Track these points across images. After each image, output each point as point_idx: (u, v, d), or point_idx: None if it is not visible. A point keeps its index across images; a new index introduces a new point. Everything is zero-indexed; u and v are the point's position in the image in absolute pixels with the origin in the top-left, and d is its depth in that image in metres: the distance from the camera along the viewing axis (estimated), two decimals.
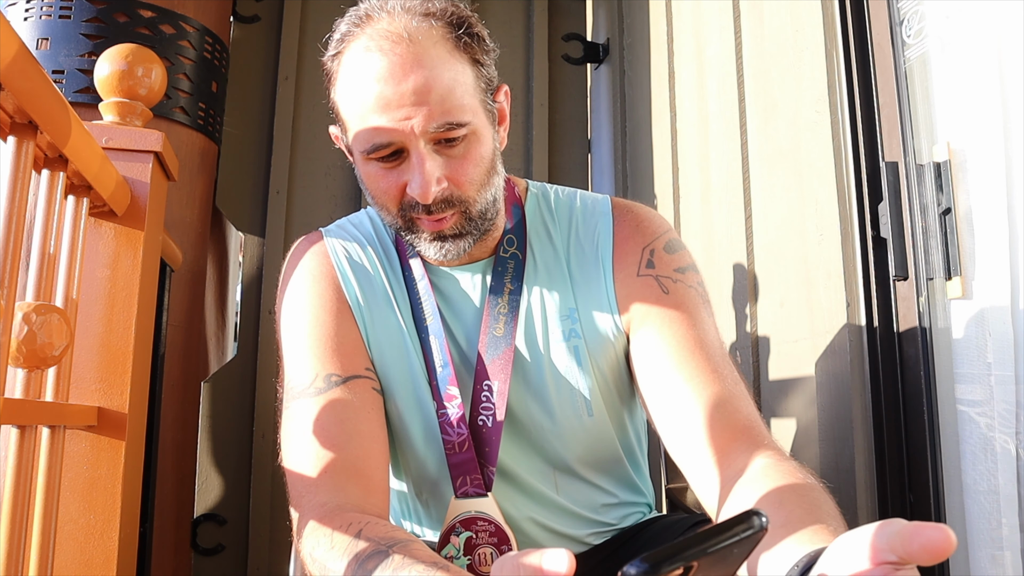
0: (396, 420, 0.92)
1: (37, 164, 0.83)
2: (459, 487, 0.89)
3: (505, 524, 0.87)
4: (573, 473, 0.95)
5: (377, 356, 0.91)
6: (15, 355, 0.78)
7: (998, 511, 1.00)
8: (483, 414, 0.89)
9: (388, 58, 0.77)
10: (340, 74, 0.82)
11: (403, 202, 0.82)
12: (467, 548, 0.87)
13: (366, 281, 0.93)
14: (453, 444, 0.89)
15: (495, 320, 0.90)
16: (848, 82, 1.24)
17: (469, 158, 0.82)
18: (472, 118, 0.80)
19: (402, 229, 0.86)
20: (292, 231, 2.04)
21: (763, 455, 0.74)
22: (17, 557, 0.74)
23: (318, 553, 0.70)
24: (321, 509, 0.75)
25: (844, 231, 1.22)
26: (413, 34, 0.78)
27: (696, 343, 0.84)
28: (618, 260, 0.91)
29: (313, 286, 0.92)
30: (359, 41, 0.79)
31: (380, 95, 0.77)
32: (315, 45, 2.16)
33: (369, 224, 0.99)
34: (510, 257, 0.92)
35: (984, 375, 1.04)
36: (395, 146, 0.79)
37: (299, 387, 0.86)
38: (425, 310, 0.92)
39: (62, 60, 1.60)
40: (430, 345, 0.90)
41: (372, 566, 0.63)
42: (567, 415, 0.91)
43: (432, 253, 0.86)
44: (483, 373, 0.89)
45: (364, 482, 0.79)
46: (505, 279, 0.92)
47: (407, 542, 0.66)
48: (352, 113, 0.81)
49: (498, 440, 0.88)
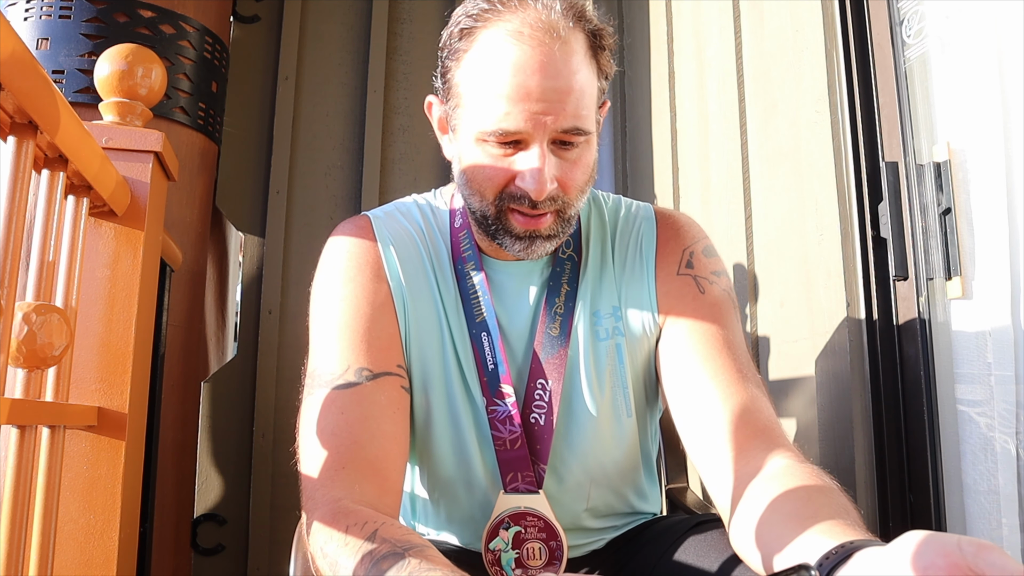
0: (423, 415, 0.91)
1: (37, 164, 0.83)
2: (509, 483, 0.89)
3: (555, 520, 0.88)
4: (606, 481, 0.95)
5: (415, 349, 0.90)
6: (15, 355, 0.78)
7: (998, 511, 1.00)
8: (536, 412, 0.90)
9: (540, 51, 0.77)
10: (473, 50, 0.81)
11: (505, 191, 0.82)
12: (516, 542, 0.88)
13: (412, 272, 0.92)
14: (504, 441, 0.89)
15: (551, 320, 0.91)
16: (848, 82, 1.24)
17: (580, 164, 0.83)
18: (592, 127, 0.82)
19: (490, 219, 0.85)
20: (292, 231, 2.04)
21: (783, 456, 0.75)
22: (17, 557, 0.74)
23: (329, 548, 0.69)
24: (335, 504, 0.74)
25: (844, 231, 1.22)
26: (566, 34, 0.78)
27: (724, 343, 0.86)
28: (660, 260, 0.93)
29: (357, 274, 0.90)
30: (507, 24, 0.79)
31: (523, 85, 0.77)
32: (315, 45, 2.16)
33: (418, 214, 0.97)
34: (567, 259, 0.94)
35: (984, 375, 1.04)
36: (520, 136, 0.79)
37: (327, 375, 0.84)
38: (479, 306, 0.91)
39: (62, 60, 1.60)
40: (482, 342, 0.90)
41: (386, 567, 0.62)
42: (608, 414, 0.92)
43: (517, 249, 0.85)
44: (538, 371, 0.90)
45: (380, 482, 0.79)
46: (562, 280, 0.93)
47: (423, 547, 0.65)
48: (480, 93, 0.80)
49: (550, 438, 0.89)
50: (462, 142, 0.85)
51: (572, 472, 0.93)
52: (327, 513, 0.73)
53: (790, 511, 0.65)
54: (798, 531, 0.60)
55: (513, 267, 0.94)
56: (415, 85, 2.17)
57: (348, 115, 2.14)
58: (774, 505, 0.68)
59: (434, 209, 0.98)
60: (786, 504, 0.67)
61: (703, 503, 1.31)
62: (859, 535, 0.56)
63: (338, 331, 0.86)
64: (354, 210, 2.08)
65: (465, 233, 0.94)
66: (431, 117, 0.92)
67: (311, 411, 0.83)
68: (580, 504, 0.95)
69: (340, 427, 0.80)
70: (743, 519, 0.71)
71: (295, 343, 1.95)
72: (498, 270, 0.94)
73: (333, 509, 0.73)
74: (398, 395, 0.86)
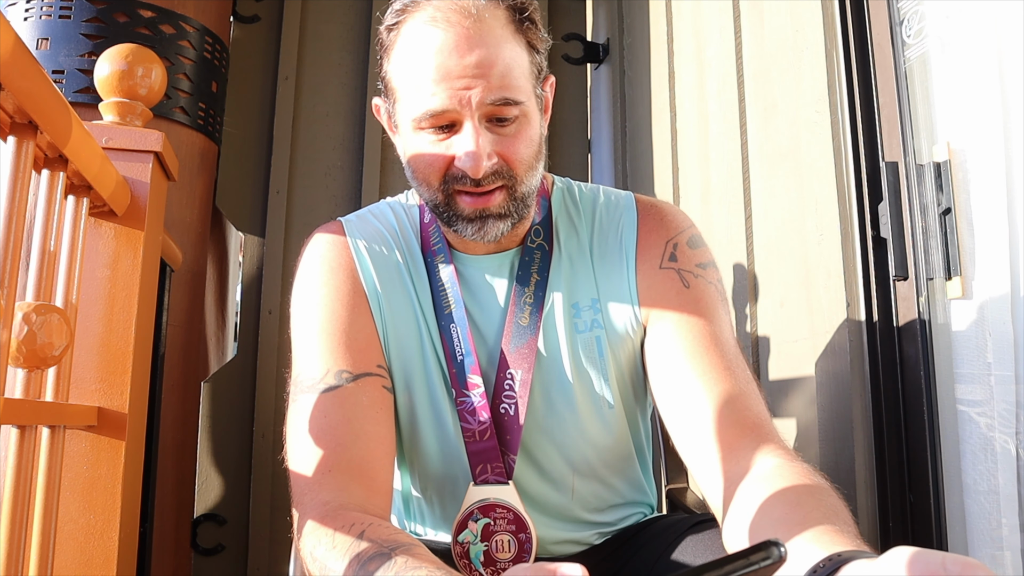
0: (407, 413, 0.91)
1: (37, 164, 0.83)
2: (478, 475, 0.89)
3: (524, 512, 0.87)
4: (591, 472, 0.95)
5: (394, 347, 0.91)
6: (15, 355, 0.78)
7: (998, 511, 1.00)
8: (505, 402, 0.89)
9: (454, 31, 0.78)
10: (398, 44, 0.83)
11: (447, 175, 0.82)
12: (484, 534, 0.87)
13: (385, 272, 0.92)
14: (474, 432, 0.89)
15: (520, 310, 0.91)
16: (848, 82, 1.24)
17: (519, 137, 0.83)
18: (526, 99, 0.82)
19: (440, 206, 0.85)
20: (292, 231, 2.04)
21: (773, 454, 0.74)
22: (17, 557, 0.74)
23: (319, 552, 0.70)
24: (323, 508, 0.74)
25: (844, 231, 1.22)
26: (479, 11, 0.80)
27: (711, 339, 0.85)
28: (641, 252, 0.92)
29: (330, 278, 0.91)
30: (423, 13, 0.80)
31: (441, 65, 0.78)
32: (315, 45, 2.16)
33: (391, 214, 0.98)
34: (537, 248, 0.93)
35: (984, 375, 1.04)
36: (449, 116, 0.80)
37: (309, 380, 0.85)
38: (447, 298, 0.91)
39: (62, 60, 1.60)
40: (451, 333, 0.90)
41: (373, 568, 0.63)
42: (588, 407, 0.92)
43: (470, 232, 0.85)
44: (506, 362, 0.90)
45: (368, 483, 0.79)
46: (532, 269, 0.92)
47: (410, 545, 0.65)
48: (408, 82, 0.81)
49: (519, 429, 0.89)
50: (403, 135, 0.86)
51: (553, 463, 0.93)
52: (315, 517, 0.73)
53: (779, 516, 0.65)
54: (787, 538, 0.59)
55: (484, 260, 0.94)
56: None
57: (348, 115, 2.14)
58: (763, 510, 0.67)
59: (406, 208, 0.99)
60: (775, 509, 0.66)
61: (703, 503, 1.31)
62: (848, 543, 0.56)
63: (316, 335, 0.87)
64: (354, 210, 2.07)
65: (434, 227, 0.94)
66: (380, 119, 0.93)
67: (295, 417, 0.84)
68: (565, 495, 0.94)
69: (324, 430, 0.81)
70: (734, 523, 0.70)
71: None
72: (468, 264, 0.94)
73: (321, 512, 0.74)
74: (380, 395, 0.86)
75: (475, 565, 0.88)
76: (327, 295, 0.90)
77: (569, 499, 0.95)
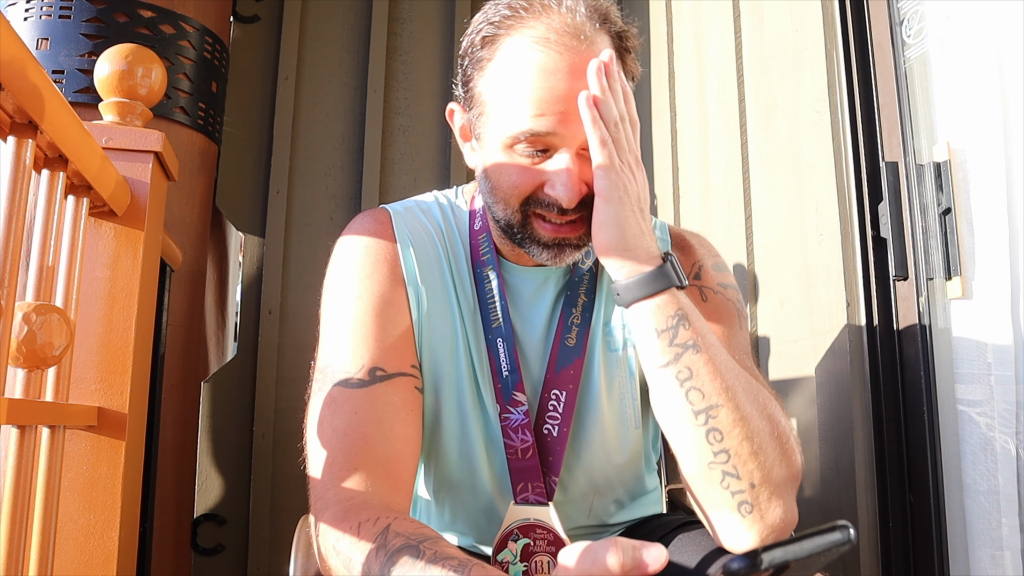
0: (431, 414, 0.90)
1: (37, 164, 0.83)
2: (519, 493, 0.88)
3: (564, 535, 0.86)
4: (609, 490, 0.95)
5: (427, 348, 0.89)
6: (15, 355, 0.78)
7: (998, 511, 1.00)
8: (549, 423, 0.88)
9: (568, 56, 0.76)
10: (498, 58, 0.80)
11: (531, 198, 0.81)
12: (524, 555, 0.87)
13: (428, 272, 0.90)
14: (516, 450, 0.88)
15: (568, 330, 0.90)
16: (848, 82, 1.24)
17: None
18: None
19: (516, 226, 0.83)
20: (292, 231, 2.04)
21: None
22: (17, 557, 0.74)
23: (342, 545, 0.69)
24: (348, 503, 0.73)
25: (844, 231, 1.22)
26: (589, 36, 0.78)
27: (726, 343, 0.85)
28: None
29: (373, 270, 0.88)
30: (532, 31, 0.78)
31: (553, 88, 0.76)
32: (315, 45, 2.16)
33: (439, 212, 0.96)
34: (587, 270, 0.93)
35: (984, 375, 1.04)
36: (548, 141, 0.78)
37: (340, 372, 0.83)
38: (495, 311, 0.90)
39: (62, 60, 1.60)
40: (497, 348, 0.89)
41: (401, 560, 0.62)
42: (616, 426, 0.92)
43: (545, 257, 0.84)
44: (552, 381, 0.89)
45: (391, 482, 0.78)
46: (580, 290, 0.92)
47: (436, 538, 0.65)
48: (508, 99, 0.79)
49: (562, 450, 0.88)
50: (487, 149, 0.83)
51: (578, 484, 0.93)
52: (338, 512, 0.72)
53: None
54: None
55: (531, 272, 0.93)
56: (415, 85, 2.17)
57: (348, 115, 2.14)
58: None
59: (454, 208, 0.97)
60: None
61: None
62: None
63: (352, 328, 0.85)
64: (354, 210, 2.08)
65: (484, 236, 0.93)
66: (453, 125, 0.91)
67: (321, 408, 0.82)
68: (582, 515, 0.95)
69: (353, 427, 0.79)
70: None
71: (295, 343, 1.95)
72: (515, 275, 0.93)
73: (345, 507, 0.72)
74: (411, 396, 0.85)
75: None
76: (368, 288, 0.87)
77: (586, 517, 0.95)
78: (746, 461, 0.71)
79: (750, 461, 0.72)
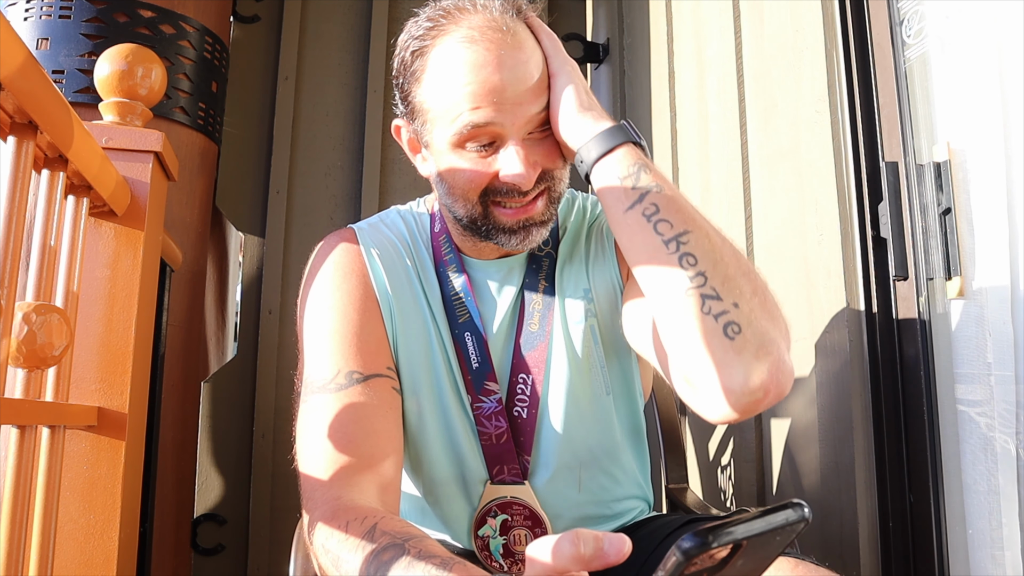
0: (415, 417, 0.94)
1: (37, 164, 0.83)
2: (495, 474, 0.93)
3: (540, 509, 0.92)
4: (593, 461, 0.97)
5: (403, 352, 0.93)
6: (15, 355, 0.78)
7: (998, 511, 1.00)
8: (519, 406, 0.93)
9: (495, 48, 0.80)
10: (431, 66, 0.83)
11: (488, 189, 0.84)
12: (503, 529, 0.93)
13: (397, 279, 0.94)
14: (490, 436, 0.93)
15: (530, 316, 0.94)
16: (848, 82, 1.24)
17: (554, 146, 0.85)
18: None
19: (479, 219, 0.87)
20: (292, 231, 2.04)
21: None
22: (17, 557, 0.74)
23: (331, 544, 0.71)
24: (336, 503, 0.75)
25: (844, 231, 1.22)
26: (511, 27, 0.81)
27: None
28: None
29: (343, 282, 0.93)
30: (456, 33, 0.81)
31: (485, 82, 0.79)
32: (315, 45, 2.16)
33: (402, 224, 1.00)
34: (545, 256, 0.97)
35: (984, 375, 1.04)
36: (493, 132, 0.81)
37: (319, 381, 0.86)
38: (462, 306, 0.94)
39: (62, 60, 1.60)
40: (465, 341, 0.93)
41: (387, 558, 0.64)
42: (588, 396, 0.95)
43: (514, 243, 0.87)
44: (519, 367, 0.93)
45: (378, 479, 0.81)
46: (539, 276, 0.96)
47: (422, 537, 0.67)
48: (446, 102, 0.82)
49: (532, 431, 0.93)
50: (437, 154, 0.86)
51: (561, 458, 0.95)
52: (327, 511, 0.74)
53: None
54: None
55: (494, 265, 0.96)
56: None
57: (348, 115, 2.14)
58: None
59: (416, 216, 1.01)
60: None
61: (703, 503, 1.31)
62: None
63: (328, 337, 0.89)
64: (354, 210, 2.08)
65: (444, 237, 0.97)
66: (400, 141, 0.94)
67: (306, 417, 0.85)
68: (573, 490, 0.96)
69: (335, 428, 0.82)
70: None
71: (295, 343, 1.95)
72: (478, 269, 0.96)
73: (333, 507, 0.74)
74: (389, 396, 0.89)
75: (495, 557, 0.93)
76: (339, 299, 0.91)
77: (577, 492, 0.96)
78: (724, 281, 0.72)
79: (728, 281, 0.72)
